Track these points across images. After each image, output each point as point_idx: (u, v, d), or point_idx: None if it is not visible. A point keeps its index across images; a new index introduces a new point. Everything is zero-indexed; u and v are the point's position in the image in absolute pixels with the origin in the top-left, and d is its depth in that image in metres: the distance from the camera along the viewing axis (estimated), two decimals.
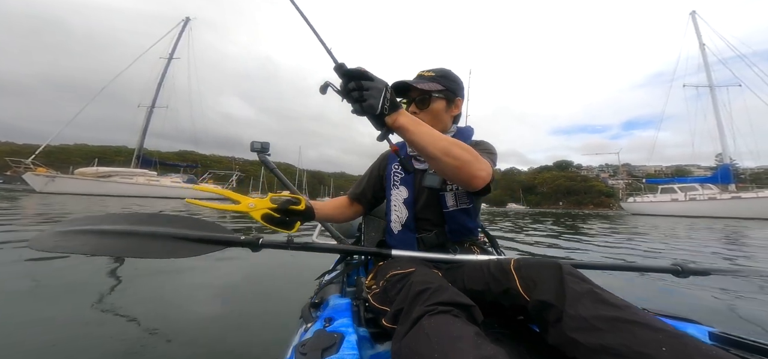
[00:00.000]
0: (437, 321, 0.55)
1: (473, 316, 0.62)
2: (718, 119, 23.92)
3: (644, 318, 0.53)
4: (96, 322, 1.45)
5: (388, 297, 0.76)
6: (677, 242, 5.26)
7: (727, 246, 4.92)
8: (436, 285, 0.66)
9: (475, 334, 0.52)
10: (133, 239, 0.83)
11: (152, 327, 1.41)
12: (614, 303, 0.57)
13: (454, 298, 0.62)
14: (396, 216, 1.09)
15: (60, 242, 0.82)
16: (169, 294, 1.83)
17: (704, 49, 25.95)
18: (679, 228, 8.42)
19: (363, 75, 0.72)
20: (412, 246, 1.04)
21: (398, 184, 1.11)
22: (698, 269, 1.04)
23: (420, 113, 1.06)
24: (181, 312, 1.60)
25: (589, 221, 12.38)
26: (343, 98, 0.73)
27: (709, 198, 21.70)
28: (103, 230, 0.85)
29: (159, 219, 0.93)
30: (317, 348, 0.55)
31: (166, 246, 0.83)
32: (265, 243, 0.87)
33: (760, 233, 7.23)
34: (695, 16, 27.02)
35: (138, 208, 9.38)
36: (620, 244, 5.05)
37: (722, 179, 22.56)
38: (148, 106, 28.23)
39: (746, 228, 8.80)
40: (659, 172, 43.47)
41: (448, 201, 1.03)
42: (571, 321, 0.57)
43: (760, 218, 16.22)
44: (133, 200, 14.42)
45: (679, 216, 19.55)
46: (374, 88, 0.72)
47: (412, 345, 0.53)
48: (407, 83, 1.05)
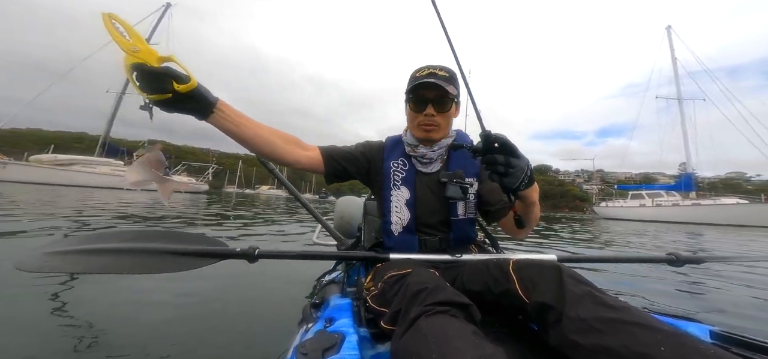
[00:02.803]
0: (435, 321, 0.55)
1: (471, 315, 0.62)
2: (684, 131, 25.44)
3: (643, 318, 0.54)
4: (95, 323, 1.42)
5: (386, 299, 0.75)
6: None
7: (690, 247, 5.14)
8: (433, 284, 0.65)
9: (472, 333, 0.52)
10: (127, 257, 0.82)
11: (152, 328, 1.38)
12: (613, 304, 0.57)
13: (452, 297, 0.62)
14: (397, 217, 1.04)
15: (48, 262, 0.79)
16: (168, 296, 1.77)
17: (676, 63, 27.42)
18: (648, 233, 8.82)
19: (513, 151, 0.71)
20: (412, 248, 1.01)
21: (399, 184, 1.05)
22: (692, 257, 1.06)
23: (438, 114, 1.00)
24: (181, 314, 1.56)
25: (570, 224, 12.70)
26: (485, 165, 0.73)
27: (673, 204, 23.07)
28: (93, 248, 0.83)
29: (152, 235, 0.91)
30: (318, 348, 0.55)
31: (162, 262, 0.82)
32: (261, 254, 0.86)
33: (715, 236, 8.04)
34: (671, 31, 28.42)
35: (100, 197, 8.66)
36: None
37: (685, 187, 24.07)
38: (118, 91, 26.24)
39: (704, 232, 9.61)
40: (629, 178, 46.24)
41: (459, 210, 1.02)
42: (571, 322, 0.57)
43: (716, 224, 17.33)
44: (95, 192, 13.30)
45: (647, 221, 20.63)
46: (519, 167, 0.72)
47: (410, 346, 0.53)
48: (436, 83, 0.96)
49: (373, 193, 1.18)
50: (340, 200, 2.07)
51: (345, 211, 1.96)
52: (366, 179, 1.13)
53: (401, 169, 1.06)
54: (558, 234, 7.23)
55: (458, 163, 1.06)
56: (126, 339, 1.30)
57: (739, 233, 10.04)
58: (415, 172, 1.06)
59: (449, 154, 1.08)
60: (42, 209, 5.29)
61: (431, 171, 1.05)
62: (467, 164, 1.05)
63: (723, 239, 7.14)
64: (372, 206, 1.54)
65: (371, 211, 1.54)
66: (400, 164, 1.07)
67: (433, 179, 1.05)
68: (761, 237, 7.96)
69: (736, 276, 2.70)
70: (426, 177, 1.05)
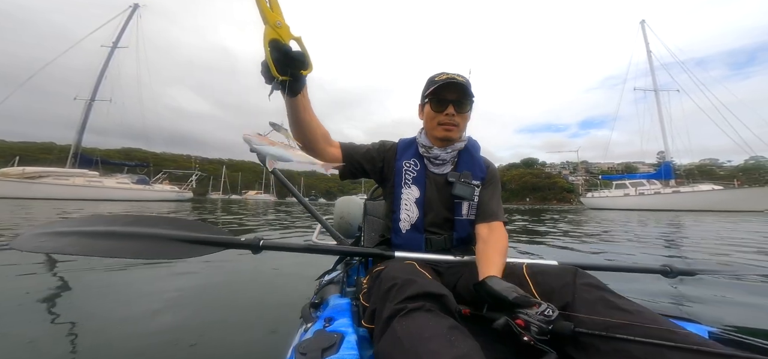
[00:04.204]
0: (408, 322, 0.55)
1: (446, 306, 0.62)
2: (662, 120, 26.48)
3: (655, 320, 0.56)
4: (94, 323, 1.41)
5: (371, 295, 0.76)
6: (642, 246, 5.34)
7: (672, 242, 5.17)
8: (403, 278, 0.65)
9: (448, 329, 0.53)
10: (131, 241, 0.80)
11: (151, 328, 1.36)
12: (627, 308, 0.59)
13: (424, 289, 0.61)
14: (406, 215, 1.05)
15: (46, 242, 0.77)
16: (168, 295, 1.74)
17: (651, 55, 28.41)
18: (633, 224, 8.94)
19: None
20: (419, 247, 1.03)
21: (410, 183, 1.07)
22: (686, 269, 1.07)
23: (458, 115, 1.04)
24: (180, 314, 1.54)
25: (561, 217, 12.85)
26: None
27: (655, 192, 23.96)
28: (95, 231, 0.81)
29: (156, 221, 0.89)
30: (317, 348, 0.55)
31: (166, 247, 0.81)
32: (266, 245, 0.87)
33: (694, 222, 8.48)
34: (644, 25, 29.42)
35: (76, 212, 8.05)
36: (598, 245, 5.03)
37: (665, 175, 24.97)
38: (87, 99, 24.86)
39: (684, 220, 9.88)
40: (612, 168, 47.95)
41: (463, 210, 1.05)
42: (585, 325, 0.58)
43: (696, 211, 18.05)
44: (70, 204, 12.47)
45: (632, 210, 21.27)
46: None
47: (387, 349, 0.54)
48: (462, 83, 1.01)
49: (384, 191, 1.20)
50: (341, 200, 2.04)
51: (345, 211, 1.93)
52: (379, 177, 1.16)
53: (413, 168, 1.08)
54: (562, 234, 6.98)
55: (466, 165, 1.10)
56: (124, 336, 1.27)
57: (718, 219, 10.40)
58: (426, 172, 1.09)
59: (459, 156, 1.12)
60: (10, 224, 4.79)
61: (442, 172, 1.08)
62: (475, 168, 1.09)
63: (702, 227, 7.27)
64: (373, 207, 1.55)
65: (371, 211, 1.54)
66: (412, 163, 1.09)
67: (442, 179, 1.08)
68: (741, 223, 8.22)
69: (737, 285, 2.65)
70: (436, 177, 1.08)
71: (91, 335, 1.29)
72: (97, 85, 25.66)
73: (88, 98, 24.98)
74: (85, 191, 20.03)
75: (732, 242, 4.71)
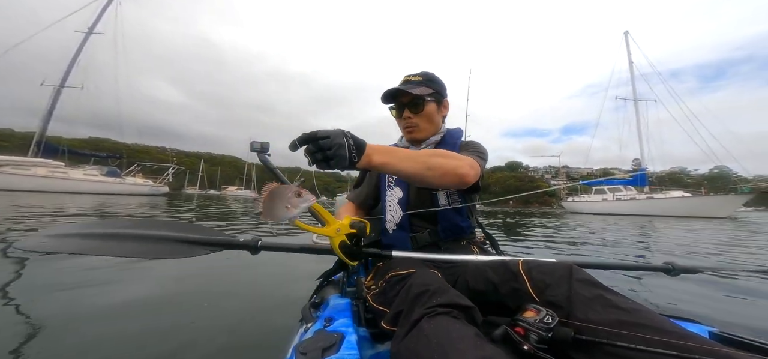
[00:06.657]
0: (437, 322, 0.56)
1: (473, 317, 0.62)
2: (639, 129, 27.65)
3: (653, 320, 0.55)
4: (92, 325, 1.36)
5: (387, 298, 0.76)
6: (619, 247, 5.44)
7: (645, 241, 5.48)
8: (436, 286, 0.66)
9: (474, 335, 0.53)
10: (131, 241, 0.82)
11: (151, 328, 1.34)
12: (624, 306, 0.58)
13: (454, 300, 0.62)
14: (391, 216, 1.10)
15: (48, 242, 0.81)
16: (167, 296, 1.72)
17: (632, 66, 29.58)
18: (608, 226, 9.25)
19: (315, 137, 0.68)
20: (406, 245, 1.05)
21: (393, 185, 1.12)
22: (688, 267, 1.08)
23: (414, 116, 1.09)
24: (179, 314, 1.52)
25: (543, 221, 13.03)
26: (313, 164, 0.71)
27: (631, 198, 24.91)
28: (96, 233, 0.84)
29: (156, 223, 0.91)
30: (317, 348, 0.55)
31: (165, 247, 0.83)
32: (264, 246, 0.88)
33: (666, 227, 8.99)
34: (628, 36, 30.54)
35: (37, 205, 7.26)
36: None
37: (640, 182, 26.04)
38: (56, 85, 23.11)
39: (656, 224, 10.53)
40: (591, 174, 50.02)
41: (441, 200, 1.06)
42: (580, 323, 0.58)
43: (668, 216, 18.87)
44: (29, 196, 11.39)
45: (609, 214, 22.02)
46: (334, 143, 0.68)
47: (412, 347, 0.54)
48: (401, 90, 1.07)
49: (377, 196, 1.24)
50: (341, 199, 1.92)
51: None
52: (373, 186, 1.24)
53: None
54: (549, 234, 7.10)
55: None
56: (122, 336, 1.27)
57: (689, 223, 10.97)
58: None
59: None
60: None
61: None
62: None
63: (673, 232, 7.55)
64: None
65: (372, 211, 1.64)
66: None
67: None
68: (715, 229, 8.55)
69: (737, 284, 2.72)
70: None
71: (90, 336, 1.26)
72: (68, 70, 23.95)
73: (57, 84, 23.18)
74: (47, 182, 18.50)
75: (710, 241, 5.05)
